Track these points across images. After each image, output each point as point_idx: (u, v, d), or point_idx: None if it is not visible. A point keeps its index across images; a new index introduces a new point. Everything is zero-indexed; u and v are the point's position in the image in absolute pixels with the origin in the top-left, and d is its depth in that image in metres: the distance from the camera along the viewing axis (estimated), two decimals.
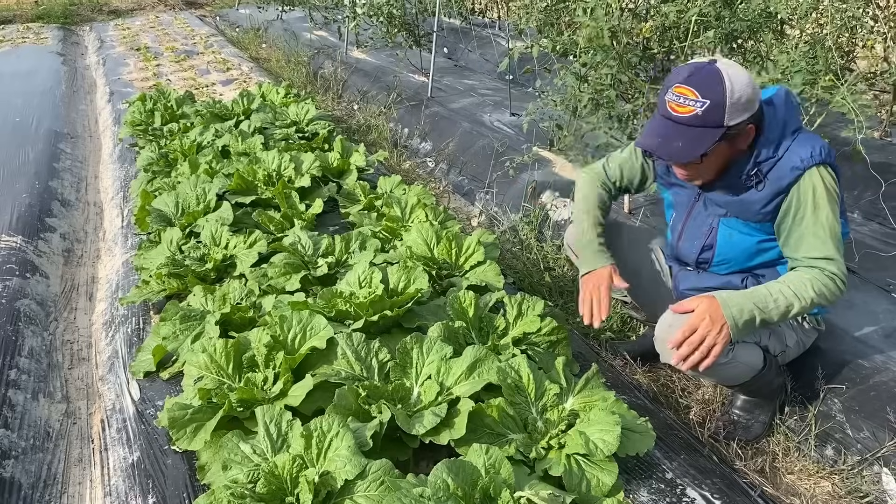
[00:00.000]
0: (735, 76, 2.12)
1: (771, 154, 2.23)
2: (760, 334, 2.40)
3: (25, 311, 3.28)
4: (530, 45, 3.78)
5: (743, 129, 2.16)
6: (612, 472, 1.98)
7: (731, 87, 2.10)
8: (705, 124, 2.12)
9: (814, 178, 2.18)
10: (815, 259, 2.19)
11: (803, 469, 2.39)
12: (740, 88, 2.11)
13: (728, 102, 2.10)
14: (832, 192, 2.19)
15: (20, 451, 2.45)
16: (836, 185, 2.22)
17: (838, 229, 2.20)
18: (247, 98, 5.75)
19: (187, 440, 2.19)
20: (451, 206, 4.74)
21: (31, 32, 11.95)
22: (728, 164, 2.29)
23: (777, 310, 2.14)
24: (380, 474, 1.90)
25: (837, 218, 2.20)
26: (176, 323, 2.77)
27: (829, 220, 2.18)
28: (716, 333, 2.10)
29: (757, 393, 2.53)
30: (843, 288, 2.18)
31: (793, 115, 2.27)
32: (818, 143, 2.21)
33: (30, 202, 4.49)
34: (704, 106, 2.10)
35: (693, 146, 2.15)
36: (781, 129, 2.23)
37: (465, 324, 2.56)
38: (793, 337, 2.47)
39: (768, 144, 2.23)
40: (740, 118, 2.13)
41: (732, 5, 3.12)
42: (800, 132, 2.26)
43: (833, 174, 2.22)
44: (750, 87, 2.13)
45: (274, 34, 10.52)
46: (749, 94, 2.12)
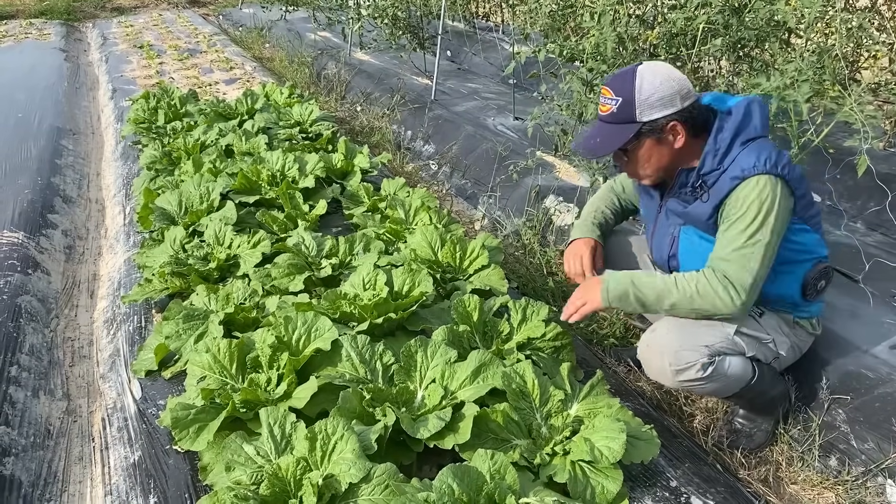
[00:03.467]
0: (649, 75, 2.23)
1: (716, 165, 2.26)
2: (746, 344, 2.36)
3: (27, 307, 3.27)
4: (537, 50, 3.78)
5: (663, 125, 2.24)
6: (617, 479, 1.98)
7: (641, 84, 2.22)
8: (620, 120, 2.26)
9: (749, 186, 2.18)
10: (717, 259, 2.24)
11: (807, 479, 2.38)
12: (651, 86, 2.21)
13: (637, 99, 2.22)
14: (767, 203, 2.16)
15: (20, 449, 2.43)
16: (781, 195, 2.17)
17: (763, 240, 2.17)
18: (250, 98, 5.75)
19: (190, 440, 2.18)
20: (453, 210, 4.74)
21: (33, 28, 11.94)
22: (672, 165, 2.35)
23: (653, 292, 2.27)
24: (384, 478, 1.89)
25: (770, 230, 2.17)
26: (179, 322, 2.76)
27: (751, 228, 2.17)
28: (587, 295, 2.38)
29: (756, 402, 2.52)
30: (734, 297, 2.19)
31: (749, 124, 2.25)
32: (766, 152, 2.19)
33: (32, 198, 4.48)
34: (617, 103, 2.25)
35: (610, 141, 2.29)
36: (731, 140, 2.24)
37: (469, 328, 2.56)
38: (785, 343, 2.45)
39: (714, 155, 2.25)
40: (657, 114, 2.22)
41: (741, 14, 3.12)
42: (753, 142, 2.23)
43: (777, 184, 2.17)
44: (666, 87, 2.21)
45: (277, 34, 10.51)
46: (664, 92, 2.21)
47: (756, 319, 2.40)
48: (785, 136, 3.06)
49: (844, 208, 3.75)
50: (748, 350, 2.36)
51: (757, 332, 2.38)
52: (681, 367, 2.26)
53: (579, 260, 2.63)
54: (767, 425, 2.57)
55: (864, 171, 2.44)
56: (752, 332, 2.37)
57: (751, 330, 2.36)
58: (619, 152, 2.33)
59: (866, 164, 2.42)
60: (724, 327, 2.32)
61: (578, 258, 2.63)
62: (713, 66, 3.66)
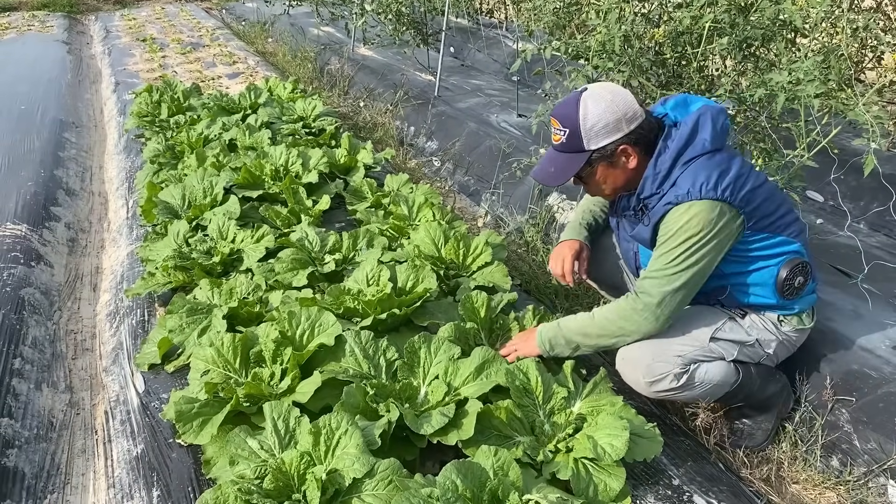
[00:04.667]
0: (592, 103, 2.23)
1: (655, 189, 2.27)
2: (725, 349, 2.37)
3: (30, 299, 3.27)
4: (541, 47, 3.77)
5: (612, 150, 2.25)
6: (620, 477, 1.98)
7: (586, 113, 2.23)
8: (570, 150, 2.29)
9: (679, 212, 2.19)
10: (641, 281, 2.29)
11: (809, 479, 2.38)
12: (595, 115, 2.22)
13: (583, 128, 2.23)
14: (696, 228, 2.16)
15: (24, 441, 2.44)
16: (717, 218, 2.16)
17: (687, 265, 2.19)
18: (254, 92, 5.74)
19: (194, 434, 2.19)
20: (456, 206, 4.73)
21: (36, 20, 11.92)
22: (630, 184, 2.36)
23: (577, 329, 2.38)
24: (388, 473, 1.89)
25: (699, 255, 2.18)
26: (182, 316, 2.77)
27: (675, 252, 2.20)
28: (524, 345, 2.49)
29: (750, 402, 2.52)
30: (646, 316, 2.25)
31: (695, 140, 2.23)
32: (703, 175, 2.16)
33: (35, 191, 4.47)
34: (566, 134, 2.28)
35: (563, 171, 2.32)
36: (672, 162, 2.23)
37: (475, 325, 2.56)
38: (773, 341, 2.44)
39: (653, 180, 2.26)
40: (604, 142, 2.24)
41: (747, 13, 3.11)
42: (696, 160, 2.21)
43: (715, 208, 2.15)
44: (609, 113, 2.21)
45: (280, 29, 10.49)
46: (608, 118, 2.22)
47: (738, 322, 2.42)
48: (790, 136, 3.06)
49: (847, 209, 3.75)
50: (728, 354, 2.38)
51: (736, 336, 2.40)
52: (654, 378, 2.30)
53: (561, 262, 2.67)
54: (768, 424, 2.57)
55: (870, 170, 2.43)
56: (732, 336, 2.38)
57: (729, 334, 2.38)
58: (576, 178, 2.36)
59: (873, 163, 2.42)
60: (700, 335, 2.35)
61: (561, 260, 2.67)
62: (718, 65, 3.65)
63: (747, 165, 2.28)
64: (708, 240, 2.17)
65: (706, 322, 2.39)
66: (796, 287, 2.35)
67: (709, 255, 2.19)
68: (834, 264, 3.18)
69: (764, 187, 2.27)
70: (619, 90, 2.30)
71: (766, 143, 3.17)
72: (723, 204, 2.16)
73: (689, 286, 2.23)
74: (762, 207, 2.25)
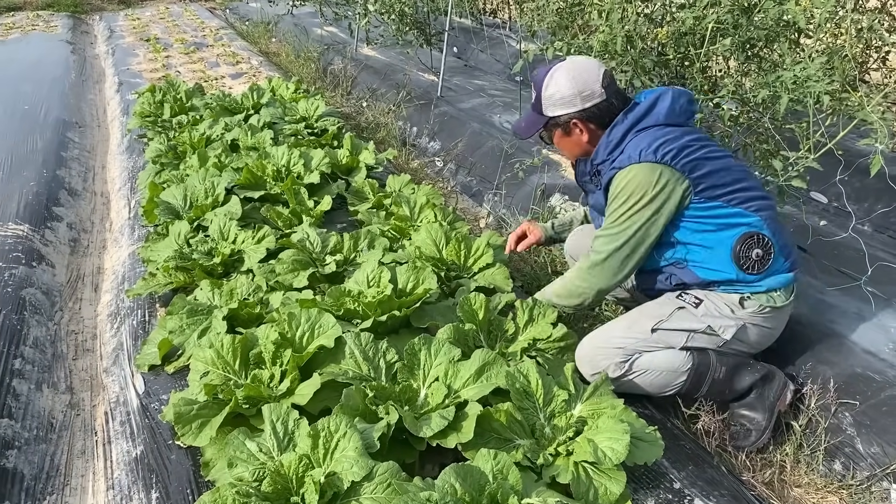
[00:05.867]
0: (559, 75, 2.48)
1: (605, 156, 2.48)
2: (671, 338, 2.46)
3: (31, 300, 3.26)
4: (544, 48, 3.76)
5: (565, 122, 2.52)
6: (621, 480, 1.97)
7: (549, 82, 2.49)
8: (536, 110, 2.57)
9: (622, 175, 2.38)
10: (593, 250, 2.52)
11: (811, 483, 2.37)
12: (556, 86, 2.48)
13: (543, 95, 2.51)
14: (639, 190, 2.34)
15: (23, 442, 2.43)
16: (660, 180, 2.32)
17: (630, 223, 2.39)
18: (256, 92, 5.74)
19: (192, 436, 2.18)
20: (458, 207, 4.72)
21: (40, 20, 11.95)
22: (585, 153, 2.61)
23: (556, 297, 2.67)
24: (387, 476, 1.88)
25: (640, 215, 2.37)
26: (183, 317, 2.76)
27: (618, 212, 2.40)
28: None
29: (725, 394, 2.55)
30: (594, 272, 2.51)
31: (650, 114, 2.42)
32: (646, 141, 2.35)
33: (37, 190, 4.47)
34: (534, 97, 2.56)
35: (527, 128, 2.63)
36: (625, 131, 2.43)
37: (474, 326, 2.55)
38: (731, 326, 2.45)
39: (606, 147, 2.48)
40: (558, 112, 2.51)
41: (750, 13, 3.10)
42: (646, 130, 2.40)
43: (657, 171, 2.32)
44: (568, 88, 2.45)
45: (284, 29, 10.50)
46: (565, 92, 2.46)
47: (689, 310, 2.48)
48: (793, 137, 3.04)
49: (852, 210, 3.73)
50: (676, 343, 2.47)
51: (684, 324, 2.46)
52: (596, 371, 2.47)
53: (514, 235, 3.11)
54: (762, 421, 2.52)
55: (877, 170, 2.41)
56: (678, 325, 2.47)
57: (675, 323, 2.47)
58: (542, 136, 2.67)
59: (880, 163, 2.40)
60: (642, 326, 2.49)
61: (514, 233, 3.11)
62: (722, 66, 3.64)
63: (704, 140, 2.44)
64: (649, 199, 2.35)
65: (651, 315, 2.52)
66: (755, 260, 2.41)
67: (650, 214, 2.36)
68: (838, 266, 3.16)
69: (721, 160, 2.41)
70: (589, 69, 2.49)
71: (769, 144, 3.15)
72: (663, 167, 2.32)
73: (633, 244, 2.42)
74: (713, 177, 2.37)
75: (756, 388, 2.53)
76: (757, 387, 2.53)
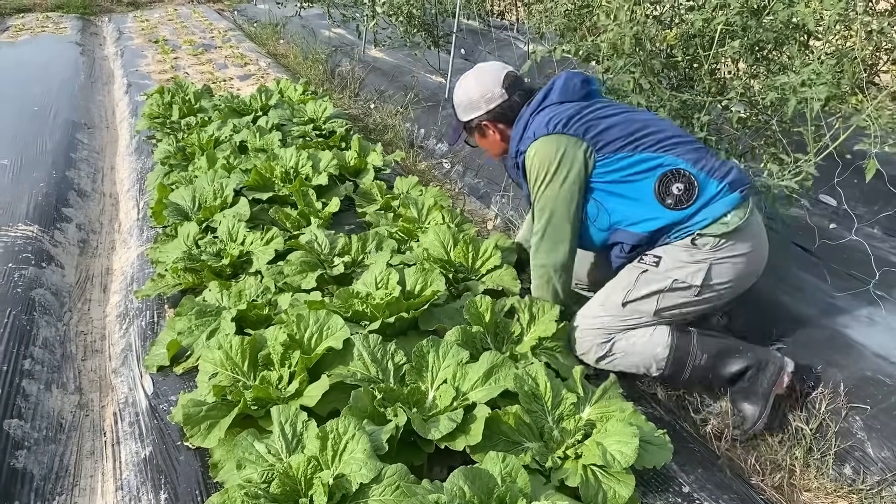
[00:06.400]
0: (464, 83, 2.76)
1: (517, 146, 2.65)
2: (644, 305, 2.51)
3: (40, 300, 3.28)
4: (552, 49, 3.75)
5: (476, 125, 2.76)
6: (629, 484, 1.96)
7: (457, 90, 2.78)
8: (456, 118, 2.83)
9: (527, 156, 2.57)
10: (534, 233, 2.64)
11: (821, 487, 2.35)
12: (459, 95, 2.76)
13: (455, 102, 2.79)
14: (545, 163, 2.50)
15: (33, 442, 2.44)
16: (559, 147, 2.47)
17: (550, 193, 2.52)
18: (265, 94, 5.75)
19: (201, 437, 2.18)
20: (466, 209, 4.72)
21: (50, 22, 12.00)
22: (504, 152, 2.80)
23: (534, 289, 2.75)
24: (395, 479, 1.88)
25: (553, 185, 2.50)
26: (191, 318, 2.77)
27: (542, 194, 2.54)
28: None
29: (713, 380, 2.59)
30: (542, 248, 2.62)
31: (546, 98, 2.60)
32: (540, 122, 2.54)
33: (47, 191, 4.49)
34: (452, 105, 2.81)
35: (452, 134, 2.89)
36: (527, 121, 2.62)
37: (482, 329, 2.55)
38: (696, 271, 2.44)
39: (515, 138, 2.66)
40: (469, 116, 2.75)
41: (759, 16, 3.09)
42: (542, 111, 2.58)
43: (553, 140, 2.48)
44: (471, 93, 2.72)
45: (292, 30, 10.52)
46: (470, 97, 2.73)
47: (652, 272, 2.50)
48: (802, 140, 3.02)
49: (861, 213, 3.71)
50: (649, 309, 2.51)
51: (651, 287, 2.49)
52: (584, 351, 2.59)
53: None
54: (754, 408, 2.51)
55: (872, 174, 2.41)
56: (646, 290, 2.50)
57: (643, 289, 2.51)
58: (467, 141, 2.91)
59: (875, 168, 2.39)
60: (613, 301, 2.56)
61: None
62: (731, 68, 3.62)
63: (602, 104, 2.58)
64: (555, 169, 2.49)
65: (619, 287, 2.57)
66: (677, 195, 2.42)
67: (561, 180, 2.49)
68: (847, 269, 3.15)
69: (620, 115, 2.54)
70: (490, 72, 2.74)
71: (776, 147, 3.14)
72: (557, 136, 2.49)
73: (560, 214, 2.54)
74: (611, 131, 2.48)
75: (749, 374, 2.52)
76: (750, 372, 2.52)
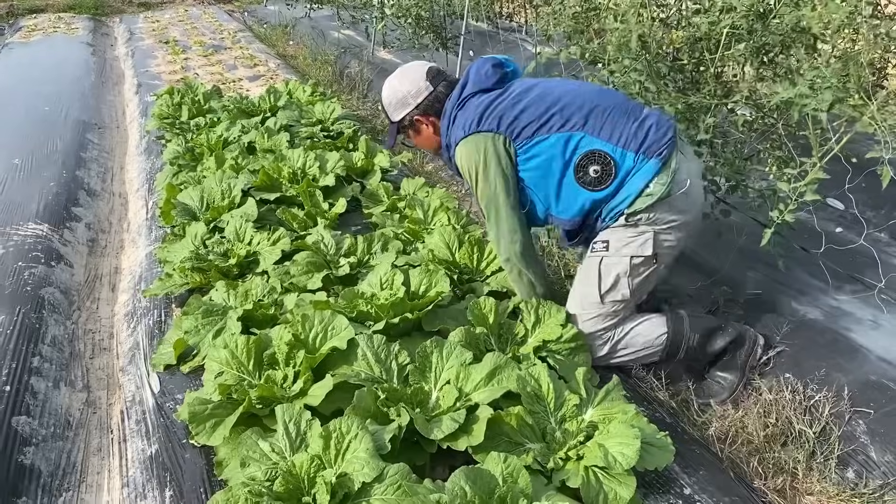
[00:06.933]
0: (387, 85, 2.82)
1: (447, 142, 2.76)
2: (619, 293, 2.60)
3: (49, 299, 3.31)
4: (559, 51, 3.76)
5: (409, 121, 2.81)
6: (630, 485, 1.97)
7: (384, 94, 2.84)
8: (390, 121, 2.88)
9: (458, 161, 2.67)
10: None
11: (823, 490, 2.35)
12: (387, 95, 2.82)
13: (385, 104, 2.85)
14: (474, 161, 2.58)
15: (41, 439, 2.47)
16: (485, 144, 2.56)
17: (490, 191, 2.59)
18: (273, 95, 5.78)
19: (206, 435, 2.21)
20: (473, 210, 4.73)
21: (62, 22, 12.08)
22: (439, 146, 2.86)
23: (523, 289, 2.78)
24: (397, 478, 1.90)
25: (486, 185, 2.59)
26: (198, 317, 2.79)
27: (480, 196, 2.65)
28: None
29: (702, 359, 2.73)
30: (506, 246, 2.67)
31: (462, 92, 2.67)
32: (458, 125, 2.64)
33: (57, 191, 4.54)
34: (383, 109, 2.89)
35: (389, 136, 2.94)
36: (449, 118, 2.71)
37: (485, 330, 2.56)
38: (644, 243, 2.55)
39: (445, 131, 2.75)
40: (401, 114, 2.81)
41: (765, 19, 3.09)
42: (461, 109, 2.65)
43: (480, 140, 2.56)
44: (398, 91, 2.78)
45: (301, 32, 10.56)
46: (397, 96, 2.78)
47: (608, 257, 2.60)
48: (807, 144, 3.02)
49: (869, 217, 3.70)
50: (624, 293, 2.60)
51: (613, 273, 2.59)
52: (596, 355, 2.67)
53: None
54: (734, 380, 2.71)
55: (888, 181, 2.40)
56: (611, 279, 2.60)
57: (608, 280, 2.60)
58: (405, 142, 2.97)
59: (890, 175, 2.38)
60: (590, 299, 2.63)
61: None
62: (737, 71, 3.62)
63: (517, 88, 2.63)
64: (483, 167, 2.58)
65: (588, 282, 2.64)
66: (595, 177, 2.52)
67: (495, 177, 2.57)
68: (853, 273, 3.15)
69: (532, 96, 2.58)
70: (414, 69, 2.81)
71: (782, 150, 3.14)
72: (475, 136, 2.58)
73: (503, 207, 2.61)
74: (523, 116, 2.56)
75: (729, 350, 2.72)
76: (730, 349, 2.71)
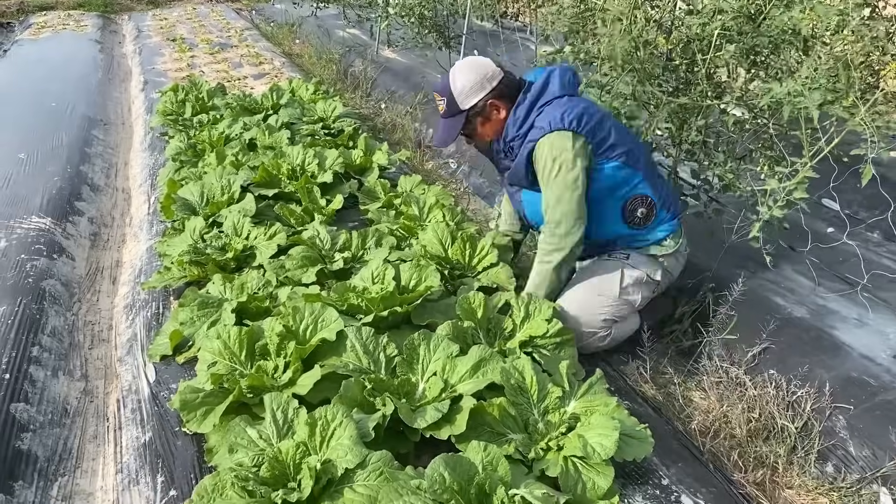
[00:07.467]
0: (458, 72, 2.84)
1: (516, 133, 2.81)
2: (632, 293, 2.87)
3: (51, 290, 3.38)
4: (555, 52, 3.81)
5: (482, 106, 2.83)
6: (608, 475, 2.01)
7: (455, 81, 2.83)
8: (452, 114, 2.87)
9: (544, 147, 2.69)
10: (547, 222, 2.78)
11: (802, 484, 2.39)
12: (462, 80, 2.82)
13: (455, 93, 2.83)
14: (560, 156, 2.65)
15: (38, 426, 2.53)
16: (573, 144, 2.64)
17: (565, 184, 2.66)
18: (276, 93, 5.84)
19: (197, 423, 2.26)
20: (470, 208, 4.78)
21: (71, 20, 12.19)
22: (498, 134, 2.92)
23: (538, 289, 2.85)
24: (379, 465, 1.95)
25: (568, 175, 2.66)
26: (194, 309, 2.85)
27: (556, 182, 2.68)
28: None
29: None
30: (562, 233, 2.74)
31: (546, 91, 2.78)
32: (552, 115, 2.68)
33: (61, 185, 4.61)
34: (445, 102, 2.87)
35: (451, 131, 2.91)
36: (528, 109, 2.78)
37: (473, 324, 2.61)
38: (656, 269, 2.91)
39: (514, 124, 2.81)
40: (474, 99, 2.82)
41: (755, 20, 3.12)
42: (549, 104, 2.74)
43: (568, 137, 2.64)
44: (472, 76, 2.81)
45: (307, 30, 10.63)
46: (473, 80, 2.81)
47: (630, 267, 2.88)
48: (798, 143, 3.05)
49: (863, 217, 3.73)
50: (638, 294, 2.89)
51: (632, 277, 2.87)
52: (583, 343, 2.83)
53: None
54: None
55: (868, 179, 2.44)
56: (629, 280, 2.87)
57: (628, 278, 2.87)
58: (463, 136, 2.96)
59: (871, 173, 2.42)
60: (609, 291, 2.85)
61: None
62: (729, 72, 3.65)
63: (595, 107, 2.80)
64: (572, 161, 2.65)
65: (609, 279, 2.87)
66: (640, 217, 2.84)
67: (577, 173, 2.66)
68: (839, 272, 3.18)
69: (616, 127, 2.79)
70: (480, 60, 2.90)
71: (773, 150, 3.17)
72: (571, 133, 2.65)
73: (576, 200, 2.69)
74: (610, 137, 2.73)
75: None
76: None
